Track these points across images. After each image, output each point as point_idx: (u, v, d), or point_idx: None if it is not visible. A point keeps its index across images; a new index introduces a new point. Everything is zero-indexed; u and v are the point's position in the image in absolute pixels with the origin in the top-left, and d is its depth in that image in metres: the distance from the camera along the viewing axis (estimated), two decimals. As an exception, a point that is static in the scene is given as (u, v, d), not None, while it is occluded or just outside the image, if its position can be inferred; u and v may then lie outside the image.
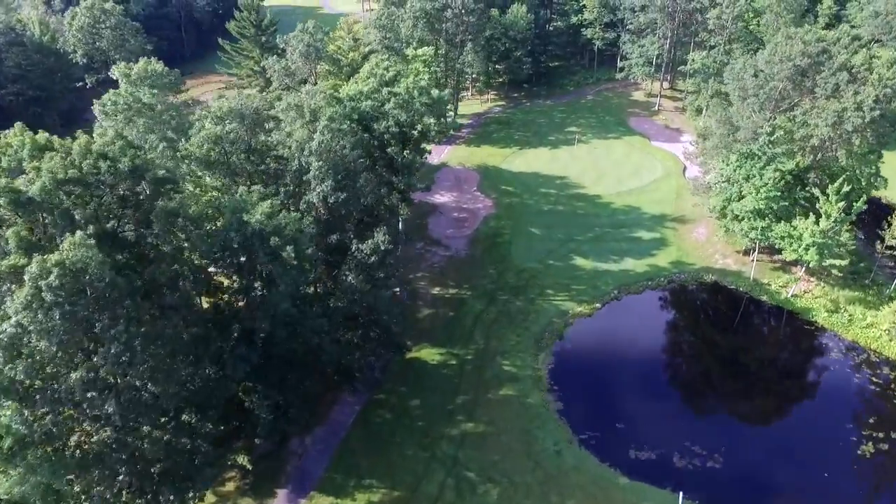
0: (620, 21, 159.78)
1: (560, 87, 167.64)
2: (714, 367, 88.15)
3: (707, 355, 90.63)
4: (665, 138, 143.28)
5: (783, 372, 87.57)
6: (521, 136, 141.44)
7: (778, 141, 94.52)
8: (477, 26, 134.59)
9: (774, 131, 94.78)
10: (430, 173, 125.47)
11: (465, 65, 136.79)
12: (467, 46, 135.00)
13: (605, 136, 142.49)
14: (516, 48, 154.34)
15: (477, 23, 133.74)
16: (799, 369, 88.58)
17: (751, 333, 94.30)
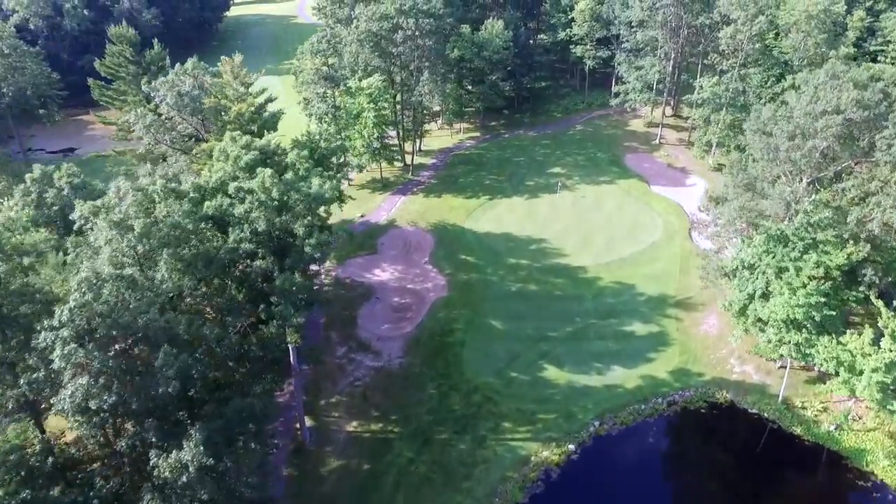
0: (615, 37, 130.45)
1: (546, 113, 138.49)
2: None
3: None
4: (667, 181, 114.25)
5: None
6: (493, 181, 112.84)
7: (821, 223, 65.61)
8: (436, 50, 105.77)
9: (817, 209, 65.87)
10: (372, 238, 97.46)
11: (422, 97, 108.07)
12: (424, 75, 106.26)
13: (596, 178, 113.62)
14: (491, 71, 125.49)
15: (435, 46, 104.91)
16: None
17: (776, 488, 65.82)
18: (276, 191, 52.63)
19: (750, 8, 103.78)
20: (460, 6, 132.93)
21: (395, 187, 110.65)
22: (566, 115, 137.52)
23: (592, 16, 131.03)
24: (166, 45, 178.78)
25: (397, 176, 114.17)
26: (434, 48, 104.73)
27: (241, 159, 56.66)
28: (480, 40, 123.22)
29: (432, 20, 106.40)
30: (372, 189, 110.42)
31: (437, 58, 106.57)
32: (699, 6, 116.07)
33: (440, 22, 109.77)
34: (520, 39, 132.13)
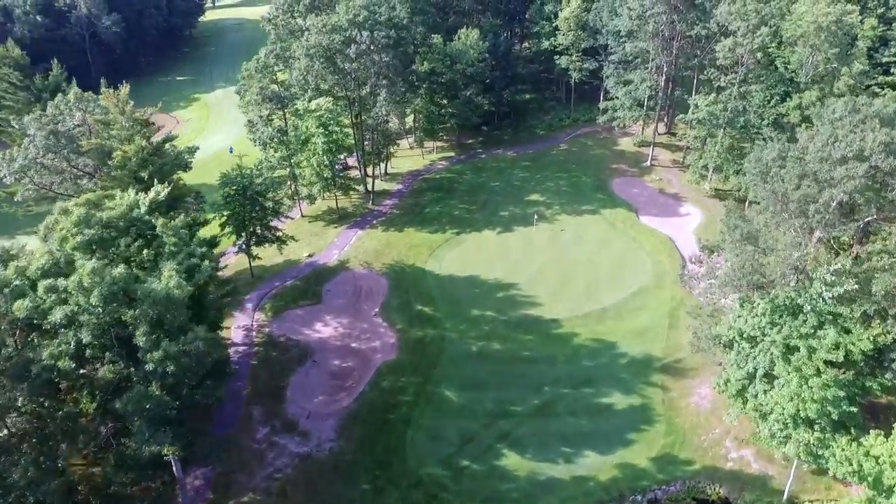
0: (603, 48, 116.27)
1: (528, 130, 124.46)
2: None
3: None
4: (658, 210, 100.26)
5: None
6: (464, 212, 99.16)
7: (844, 295, 51.66)
8: (394, 67, 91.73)
9: (840, 280, 51.82)
10: (318, 283, 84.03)
11: (378, 120, 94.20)
12: (381, 95, 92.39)
13: (578, 207, 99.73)
14: (466, 85, 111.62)
15: (393, 62, 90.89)
16: None
17: None
18: (96, 294, 38.85)
19: (751, 18, 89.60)
20: (433, 13, 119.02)
21: (352, 219, 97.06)
22: (550, 132, 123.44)
23: (578, 24, 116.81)
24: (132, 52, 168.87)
25: (356, 205, 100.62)
26: (392, 64, 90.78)
27: (69, 241, 42.81)
28: (453, 52, 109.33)
29: (392, 32, 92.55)
30: (326, 221, 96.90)
31: (396, 75, 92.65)
32: (695, 15, 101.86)
33: (402, 33, 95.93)
34: (498, 49, 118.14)
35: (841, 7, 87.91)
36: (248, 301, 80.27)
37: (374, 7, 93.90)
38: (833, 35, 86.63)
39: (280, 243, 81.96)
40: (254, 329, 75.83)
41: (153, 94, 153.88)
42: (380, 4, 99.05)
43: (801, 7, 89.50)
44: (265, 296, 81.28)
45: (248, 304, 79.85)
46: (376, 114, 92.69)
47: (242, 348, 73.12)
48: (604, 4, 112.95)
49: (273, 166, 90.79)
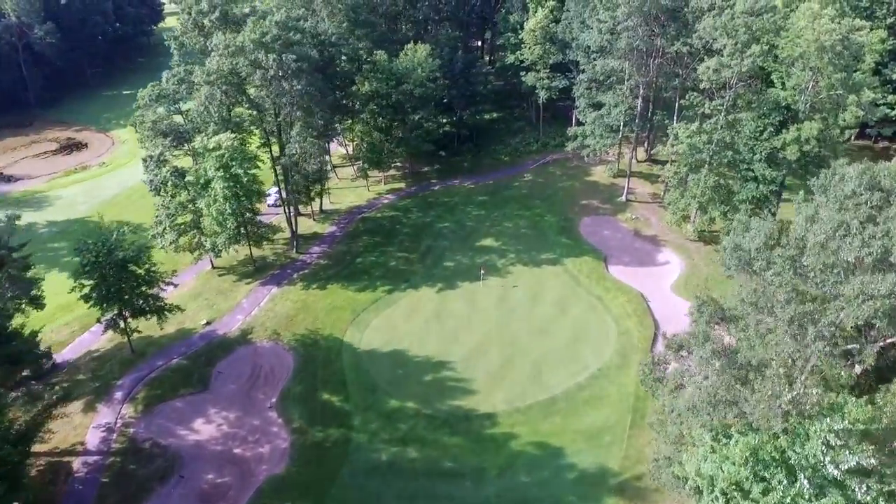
0: (574, 63, 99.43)
1: (491, 155, 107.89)
2: None
3: None
4: (632, 257, 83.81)
5: None
6: (402, 261, 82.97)
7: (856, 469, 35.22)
8: (309, 96, 75.15)
9: (849, 443, 35.30)
10: (210, 362, 68.13)
11: (292, 158, 77.70)
12: (295, 129, 75.99)
13: (538, 256, 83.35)
14: (414, 108, 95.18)
15: (307, 91, 74.26)
16: None
17: None
18: None
19: (740, 34, 72.66)
20: (380, 25, 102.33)
21: (270, 271, 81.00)
22: (516, 158, 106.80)
23: (546, 36, 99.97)
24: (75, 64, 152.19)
25: (279, 254, 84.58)
26: (307, 92, 74.23)
27: None
28: (399, 70, 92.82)
29: (313, 52, 76.22)
30: (239, 275, 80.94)
31: (314, 104, 76.12)
32: (675, 28, 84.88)
33: (332, 51, 79.70)
34: (456, 65, 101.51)
35: (848, 23, 70.80)
36: (119, 388, 64.54)
37: (294, 24, 77.68)
38: (838, 56, 69.56)
39: (160, 316, 66.17)
40: (116, 429, 60.09)
41: (94, 111, 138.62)
42: (303, 19, 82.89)
43: (800, 21, 72.40)
44: (141, 380, 65.51)
45: (117, 392, 64.12)
46: (290, 151, 76.30)
47: (95, 458, 57.42)
48: (574, 15, 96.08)
49: (171, 213, 74.86)
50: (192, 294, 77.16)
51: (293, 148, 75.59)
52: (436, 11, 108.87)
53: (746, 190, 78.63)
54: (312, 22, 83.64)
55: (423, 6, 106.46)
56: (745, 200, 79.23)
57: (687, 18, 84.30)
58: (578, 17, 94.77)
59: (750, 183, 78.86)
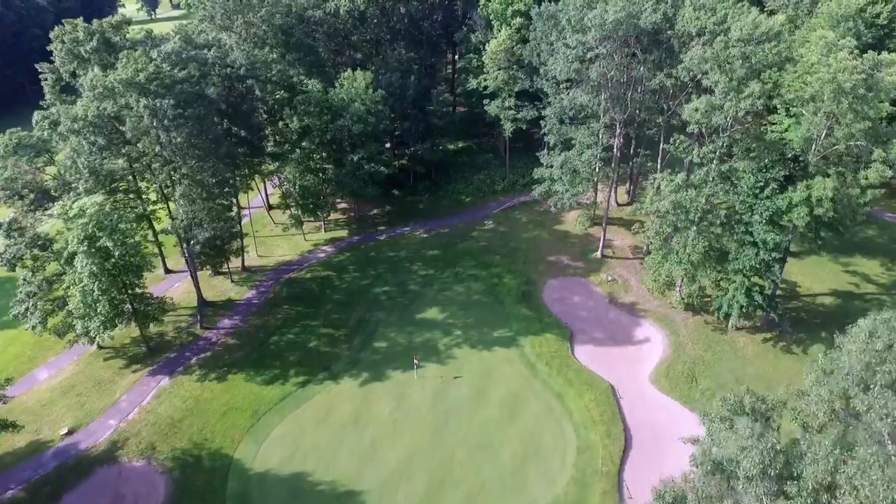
0: (545, 92, 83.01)
1: (451, 195, 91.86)
2: None
3: None
4: (605, 334, 67.89)
5: None
6: (326, 340, 67.29)
7: None
8: (196, 149, 59.12)
9: None
10: (58, 491, 52.79)
11: (179, 225, 62.05)
12: (179, 189, 60.33)
13: (490, 333, 67.51)
14: (354, 147, 79.39)
15: (190, 145, 58.25)
16: None
17: None
18: None
19: (736, 68, 56.33)
20: (318, 47, 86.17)
21: (164, 354, 65.47)
22: (478, 199, 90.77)
23: (510, 59, 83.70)
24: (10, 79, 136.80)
25: (180, 329, 69.13)
26: (192, 145, 58.38)
27: None
28: (337, 102, 77.00)
29: (208, 90, 60.54)
30: (127, 360, 65.41)
31: (203, 159, 60.26)
32: (658, 55, 68.55)
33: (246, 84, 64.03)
34: (407, 93, 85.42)
35: (871, 57, 54.18)
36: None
37: (189, 54, 62.02)
38: (860, 101, 53.04)
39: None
40: None
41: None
42: (210, 46, 67.19)
43: (812, 55, 55.77)
44: (-41, 525, 50.52)
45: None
46: (177, 216, 60.63)
47: None
48: (542, 35, 79.69)
49: (32, 292, 59.61)
50: (63, 387, 61.90)
51: (178, 213, 59.92)
52: (388, 30, 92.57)
53: (744, 257, 62.31)
54: (221, 51, 67.70)
55: (372, 24, 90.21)
56: (741, 271, 63.00)
57: (672, 44, 67.97)
58: (546, 39, 78.47)
59: (748, 248, 62.46)
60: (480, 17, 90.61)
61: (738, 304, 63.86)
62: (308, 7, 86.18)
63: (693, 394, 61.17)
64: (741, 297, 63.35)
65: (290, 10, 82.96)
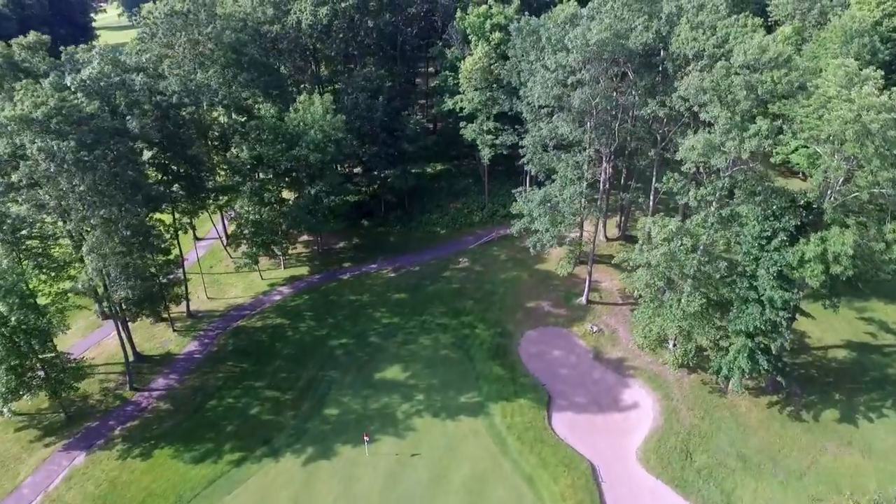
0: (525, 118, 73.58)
1: (425, 227, 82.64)
2: None
3: None
4: (588, 398, 58.70)
5: None
6: (269, 407, 58.00)
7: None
8: (101, 198, 49.52)
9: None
10: None
11: (89, 285, 53.13)
12: (87, 244, 51.02)
13: (457, 398, 58.25)
14: (312, 179, 70.33)
15: (93, 192, 48.77)
16: None
17: None
18: None
19: (740, 100, 47.11)
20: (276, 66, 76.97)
21: (85, 423, 56.29)
22: (454, 231, 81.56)
23: (487, 78, 74.44)
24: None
25: (105, 391, 60.15)
26: (100, 193, 49.21)
27: None
28: (293, 128, 67.93)
29: (131, 124, 51.56)
30: (41, 429, 56.14)
31: (115, 204, 50.99)
32: (649, 80, 59.27)
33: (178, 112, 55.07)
34: (374, 115, 76.28)
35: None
36: None
37: (108, 82, 53.03)
38: (890, 145, 43.66)
39: None
40: None
41: None
42: (140, 70, 58.17)
43: (829, 87, 46.37)
44: None
45: None
46: (87, 273, 51.59)
47: None
48: (521, 53, 70.37)
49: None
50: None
51: (88, 270, 50.86)
52: (357, 45, 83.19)
53: (747, 316, 53.01)
54: (152, 76, 58.66)
55: (338, 39, 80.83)
56: (743, 332, 53.72)
57: (666, 69, 58.64)
58: (526, 57, 69.18)
59: (751, 305, 53.18)
60: (457, 31, 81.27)
61: (739, 369, 54.69)
62: (265, 21, 77.06)
63: (687, 474, 52.01)
64: (743, 361, 54.15)
65: (244, 24, 73.99)
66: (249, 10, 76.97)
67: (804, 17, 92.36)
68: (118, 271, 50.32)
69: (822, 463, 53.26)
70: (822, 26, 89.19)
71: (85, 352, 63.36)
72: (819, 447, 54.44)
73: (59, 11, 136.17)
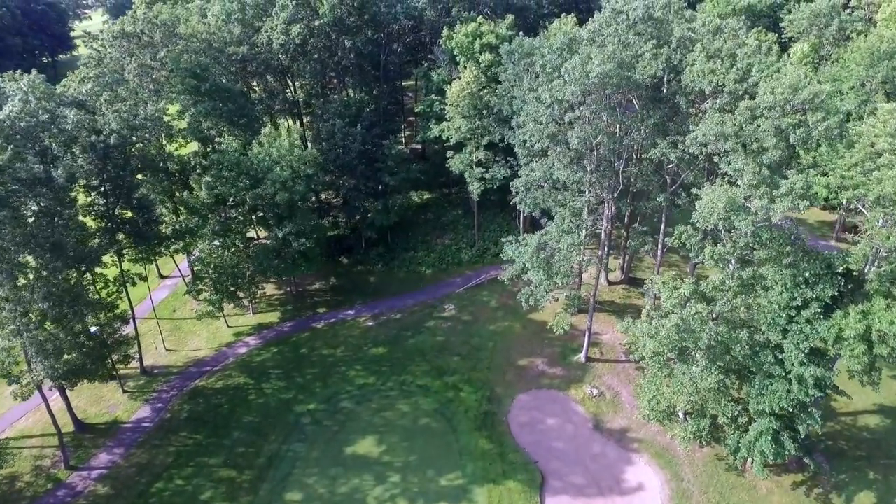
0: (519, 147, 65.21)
1: (409, 266, 74.26)
2: None
3: None
4: (585, 478, 50.59)
5: None
6: (222, 493, 49.45)
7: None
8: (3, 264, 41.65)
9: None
10: None
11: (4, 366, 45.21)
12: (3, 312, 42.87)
13: (436, 480, 50.13)
14: (280, 220, 62.13)
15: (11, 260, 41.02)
16: None
17: None
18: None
19: (769, 149, 38.96)
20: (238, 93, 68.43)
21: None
22: (440, 272, 73.20)
23: (476, 105, 66.17)
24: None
25: (37, 470, 52.04)
26: (6, 261, 40.96)
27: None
28: (255, 165, 59.71)
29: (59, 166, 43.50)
30: (-46, 523, 48.87)
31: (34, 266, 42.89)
32: (658, 117, 51.07)
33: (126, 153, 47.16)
34: (352, 144, 68.06)
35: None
36: None
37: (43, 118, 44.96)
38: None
39: None
40: None
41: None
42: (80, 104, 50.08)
43: (879, 138, 38.09)
44: None
45: None
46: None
47: None
48: (514, 79, 62.11)
49: None
50: None
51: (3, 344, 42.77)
52: (334, 66, 74.72)
53: (771, 394, 44.86)
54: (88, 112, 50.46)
55: (313, 60, 72.40)
56: (766, 413, 45.65)
57: (677, 103, 50.43)
58: (519, 84, 60.90)
59: (777, 383, 45.02)
60: (444, 52, 72.97)
61: (761, 454, 46.61)
62: (232, 42, 68.75)
63: (703, 578, 44.07)
64: (766, 444, 46.06)
65: (208, 45, 65.77)
66: (214, 29, 68.67)
67: (821, 33, 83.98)
68: (34, 350, 42.17)
69: (857, 560, 45.42)
70: (841, 43, 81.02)
71: (17, 420, 55.35)
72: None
73: (34, 21, 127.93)
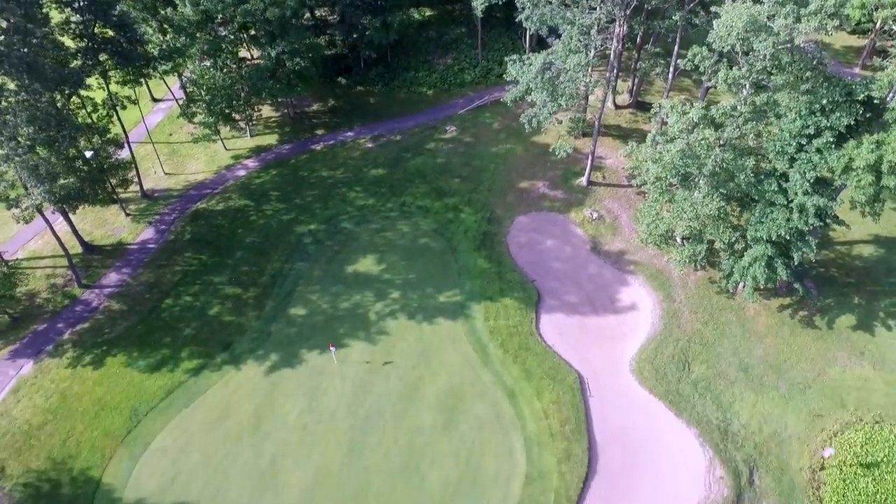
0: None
1: (410, 86, 70.74)
2: None
3: None
4: (580, 297, 52.26)
5: None
6: (229, 307, 51.60)
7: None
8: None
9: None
10: None
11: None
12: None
13: (435, 297, 51.84)
14: (272, 39, 57.74)
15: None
16: None
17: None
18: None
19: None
20: None
21: (30, 327, 50.36)
22: (442, 92, 69.84)
23: None
24: None
25: (53, 288, 53.63)
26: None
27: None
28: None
29: None
30: (-16, 331, 51.18)
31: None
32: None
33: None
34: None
35: None
36: None
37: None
38: None
39: None
40: None
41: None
42: None
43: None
44: None
45: None
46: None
47: None
48: None
49: None
50: None
51: None
52: None
53: (770, 222, 44.43)
54: None
55: None
56: (763, 240, 45.53)
57: None
58: None
59: (778, 211, 44.38)
60: None
61: (753, 278, 47.32)
62: None
63: (683, 387, 46.90)
64: (759, 270, 46.58)
65: None
66: None
67: None
68: (27, 174, 41.22)
69: (829, 375, 47.83)
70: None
71: (28, 242, 56.26)
72: (828, 357, 48.72)
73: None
